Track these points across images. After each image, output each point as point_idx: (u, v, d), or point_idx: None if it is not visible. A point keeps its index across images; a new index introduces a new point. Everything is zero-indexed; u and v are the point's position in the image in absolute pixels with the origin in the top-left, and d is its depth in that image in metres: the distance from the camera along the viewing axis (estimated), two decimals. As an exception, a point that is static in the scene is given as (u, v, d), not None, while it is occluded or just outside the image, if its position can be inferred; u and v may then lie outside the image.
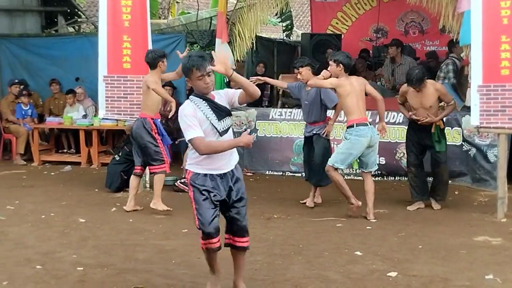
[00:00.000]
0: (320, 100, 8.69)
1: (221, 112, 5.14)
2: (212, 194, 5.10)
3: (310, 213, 8.45)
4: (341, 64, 8.00)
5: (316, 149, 8.82)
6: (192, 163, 5.19)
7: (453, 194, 9.36)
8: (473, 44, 8.12)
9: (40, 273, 6.04)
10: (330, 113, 9.02)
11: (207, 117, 5.06)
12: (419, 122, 8.47)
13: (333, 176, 8.16)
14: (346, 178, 9.21)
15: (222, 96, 5.20)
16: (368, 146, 8.07)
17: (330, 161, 8.14)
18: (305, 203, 8.93)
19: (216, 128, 5.11)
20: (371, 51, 14.83)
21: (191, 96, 5.13)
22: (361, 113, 8.09)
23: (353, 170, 10.36)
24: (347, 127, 8.13)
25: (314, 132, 8.80)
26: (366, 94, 8.19)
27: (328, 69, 8.15)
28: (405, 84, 8.55)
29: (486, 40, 8.00)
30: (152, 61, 8.62)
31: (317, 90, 8.66)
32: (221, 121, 5.15)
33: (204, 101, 5.08)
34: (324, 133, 8.74)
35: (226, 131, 5.21)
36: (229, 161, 5.28)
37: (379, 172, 10.47)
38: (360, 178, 8.80)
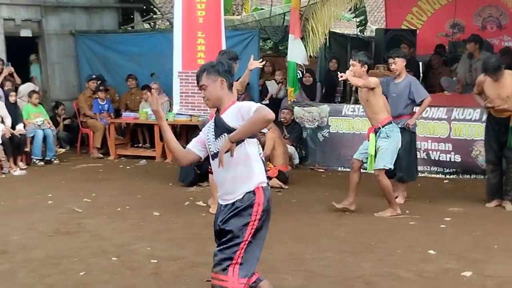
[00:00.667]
0: (409, 94, 8.64)
1: (218, 129, 4.35)
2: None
3: (382, 210, 8.35)
4: (366, 65, 7.93)
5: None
6: None
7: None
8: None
9: (115, 265, 6.19)
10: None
11: (207, 135, 4.45)
12: (495, 108, 8.25)
13: (383, 180, 8.00)
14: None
15: (238, 111, 4.26)
16: None
17: (381, 164, 7.95)
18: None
19: (209, 148, 4.42)
20: (446, 47, 14.55)
21: None
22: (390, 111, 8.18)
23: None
24: (384, 125, 7.96)
25: (400, 126, 8.71)
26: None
27: (351, 69, 7.97)
28: (482, 74, 8.39)
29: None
30: None
31: (407, 83, 8.64)
32: (217, 139, 4.34)
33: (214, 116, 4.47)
34: (408, 124, 8.65)
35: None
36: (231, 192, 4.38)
37: (454, 170, 10.30)
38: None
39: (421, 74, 13.43)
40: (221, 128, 4.28)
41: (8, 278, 5.82)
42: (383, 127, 7.95)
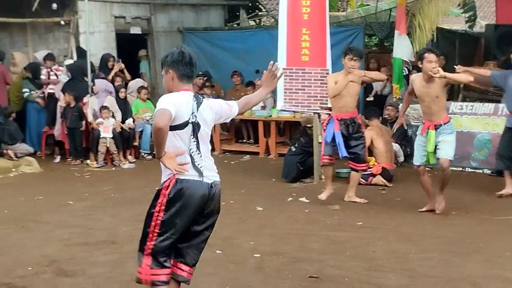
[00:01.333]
0: None
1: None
2: None
3: (491, 211, 8.11)
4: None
5: None
6: None
7: None
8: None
9: (219, 258, 6.29)
10: None
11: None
12: None
13: (449, 171, 7.97)
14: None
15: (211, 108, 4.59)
16: None
17: (452, 154, 7.87)
18: (501, 195, 8.71)
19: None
20: None
21: None
22: None
23: None
24: (446, 123, 7.84)
25: None
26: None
27: (434, 65, 7.73)
28: None
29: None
30: None
31: None
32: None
33: None
34: None
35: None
36: None
37: None
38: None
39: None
40: None
41: (117, 268, 6.02)
42: (445, 124, 7.80)
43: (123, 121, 12.01)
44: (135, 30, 14.35)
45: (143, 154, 12.29)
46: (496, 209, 8.19)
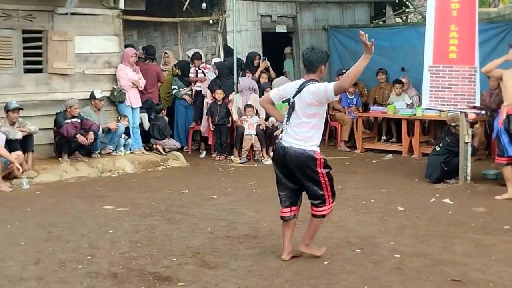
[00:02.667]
0: None
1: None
2: None
3: None
4: None
5: None
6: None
7: None
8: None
9: (359, 256, 6.25)
10: None
11: None
12: None
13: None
14: None
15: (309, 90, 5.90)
16: None
17: None
18: None
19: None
20: None
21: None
22: None
23: None
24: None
25: None
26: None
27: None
28: None
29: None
30: None
31: None
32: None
33: None
34: None
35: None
36: None
37: None
38: None
39: None
40: None
41: (258, 261, 6.12)
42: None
43: (267, 118, 12.20)
44: (281, 28, 14.54)
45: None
46: None
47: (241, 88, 12.32)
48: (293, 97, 5.87)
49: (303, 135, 5.85)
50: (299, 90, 5.84)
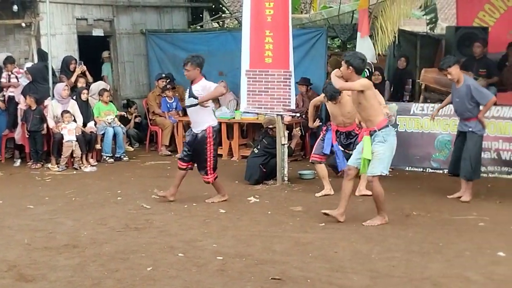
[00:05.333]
0: (471, 97, 8.56)
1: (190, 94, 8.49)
2: None
3: (451, 211, 8.23)
4: (352, 67, 7.36)
5: (469, 144, 8.72)
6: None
7: None
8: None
9: (182, 261, 6.26)
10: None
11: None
12: None
13: (377, 187, 7.42)
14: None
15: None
16: None
17: (377, 171, 7.39)
18: (459, 197, 8.77)
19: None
20: (520, 44, 14.16)
21: None
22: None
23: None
24: (381, 129, 7.40)
25: (470, 128, 8.69)
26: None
27: (341, 69, 7.55)
28: None
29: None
30: None
31: (467, 88, 8.56)
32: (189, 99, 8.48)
33: None
34: (479, 127, 8.66)
35: (188, 106, 8.60)
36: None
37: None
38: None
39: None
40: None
41: (78, 271, 5.96)
42: (379, 130, 7.41)
43: (85, 124, 11.90)
44: (97, 32, 14.23)
45: (105, 157, 12.19)
46: (455, 209, 8.30)
47: (56, 93, 11.87)
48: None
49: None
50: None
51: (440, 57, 15.02)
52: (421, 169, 10.93)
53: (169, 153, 13.02)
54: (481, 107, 8.73)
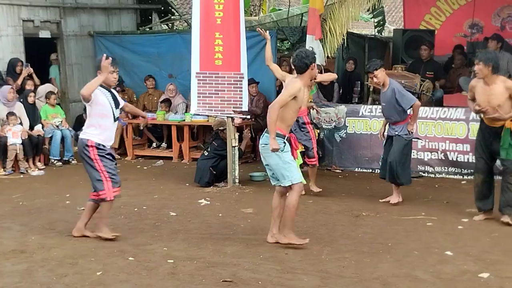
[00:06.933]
0: (396, 101, 8.54)
1: (117, 102, 7.13)
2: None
3: (400, 211, 8.34)
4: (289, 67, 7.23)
5: (394, 148, 8.69)
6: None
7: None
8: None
9: (132, 264, 6.21)
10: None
11: (109, 102, 7.03)
12: (486, 116, 7.70)
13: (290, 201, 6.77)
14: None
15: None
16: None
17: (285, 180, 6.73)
18: (389, 201, 8.82)
19: (113, 114, 7.04)
20: (465, 47, 14.46)
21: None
22: None
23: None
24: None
25: (396, 132, 8.69)
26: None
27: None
28: (474, 79, 7.89)
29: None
30: None
31: (392, 91, 8.55)
32: (117, 109, 7.14)
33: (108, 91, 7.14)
34: (405, 132, 8.63)
35: (117, 119, 7.17)
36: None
37: (472, 171, 10.20)
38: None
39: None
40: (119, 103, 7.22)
41: (26, 277, 5.86)
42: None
43: (32, 127, 11.70)
44: (44, 34, 14.01)
45: (52, 160, 12.01)
46: (404, 210, 8.41)
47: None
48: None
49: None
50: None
51: (387, 60, 15.25)
52: (370, 170, 11.05)
53: (118, 156, 12.87)
54: (409, 112, 8.69)
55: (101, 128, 6.98)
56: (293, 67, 6.93)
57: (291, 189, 6.66)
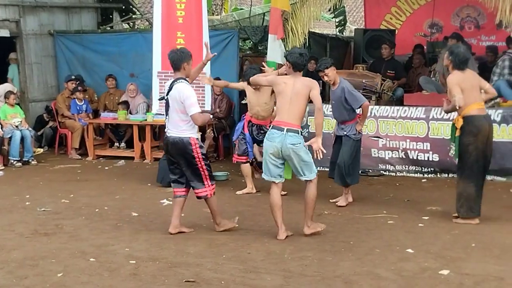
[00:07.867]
0: (345, 100, 8.53)
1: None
2: None
3: (361, 209, 8.40)
4: (288, 62, 7.37)
5: (343, 150, 8.68)
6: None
7: (508, 193, 9.21)
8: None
9: (94, 266, 6.15)
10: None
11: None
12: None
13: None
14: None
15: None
16: (278, 155, 7.11)
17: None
18: (336, 202, 8.83)
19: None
20: (425, 47, 14.64)
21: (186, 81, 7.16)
22: (285, 116, 7.27)
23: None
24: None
25: (345, 132, 8.66)
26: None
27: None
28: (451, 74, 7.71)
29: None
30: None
31: (342, 90, 8.54)
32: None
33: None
34: (354, 131, 8.64)
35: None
36: None
37: (432, 169, 10.34)
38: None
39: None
40: None
41: (-15, 280, 5.78)
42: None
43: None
44: (3, 33, 13.79)
45: (12, 161, 11.85)
46: (365, 208, 8.47)
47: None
48: (166, 95, 7.02)
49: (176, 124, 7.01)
50: (170, 89, 7.00)
51: (349, 59, 15.38)
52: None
53: (79, 156, 12.77)
54: (358, 111, 8.67)
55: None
56: (295, 65, 7.29)
57: (311, 182, 7.21)
